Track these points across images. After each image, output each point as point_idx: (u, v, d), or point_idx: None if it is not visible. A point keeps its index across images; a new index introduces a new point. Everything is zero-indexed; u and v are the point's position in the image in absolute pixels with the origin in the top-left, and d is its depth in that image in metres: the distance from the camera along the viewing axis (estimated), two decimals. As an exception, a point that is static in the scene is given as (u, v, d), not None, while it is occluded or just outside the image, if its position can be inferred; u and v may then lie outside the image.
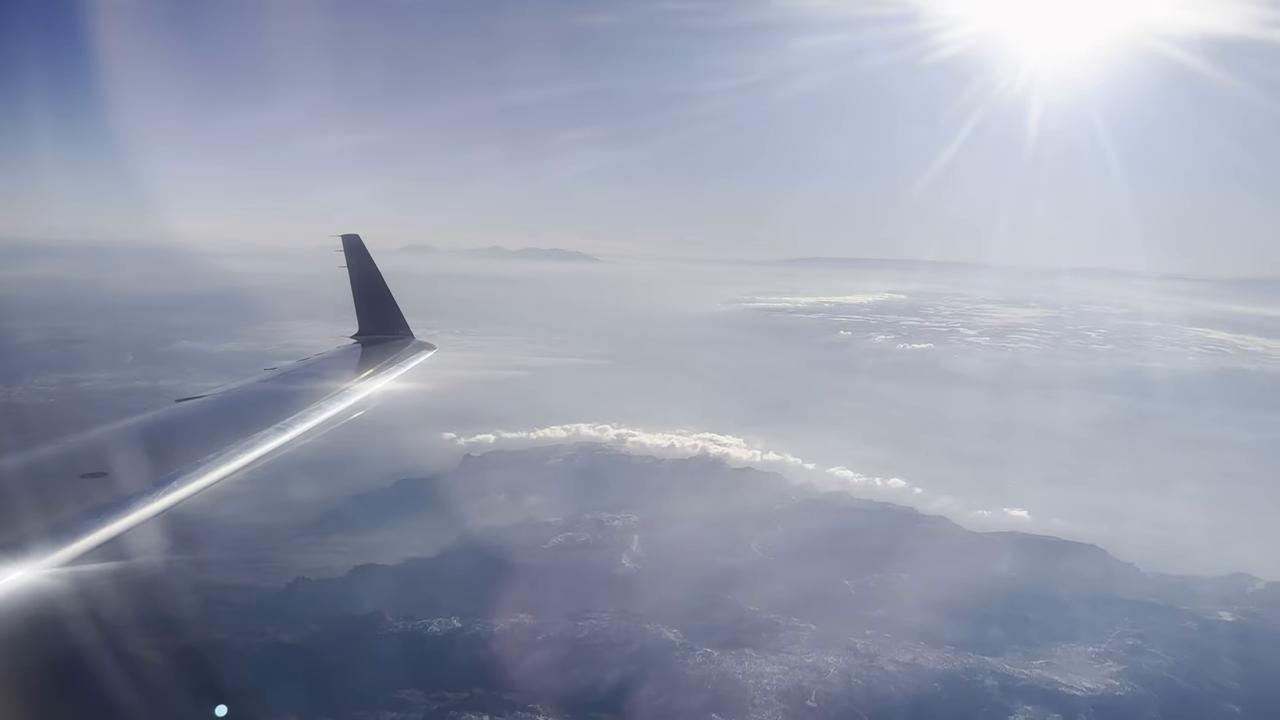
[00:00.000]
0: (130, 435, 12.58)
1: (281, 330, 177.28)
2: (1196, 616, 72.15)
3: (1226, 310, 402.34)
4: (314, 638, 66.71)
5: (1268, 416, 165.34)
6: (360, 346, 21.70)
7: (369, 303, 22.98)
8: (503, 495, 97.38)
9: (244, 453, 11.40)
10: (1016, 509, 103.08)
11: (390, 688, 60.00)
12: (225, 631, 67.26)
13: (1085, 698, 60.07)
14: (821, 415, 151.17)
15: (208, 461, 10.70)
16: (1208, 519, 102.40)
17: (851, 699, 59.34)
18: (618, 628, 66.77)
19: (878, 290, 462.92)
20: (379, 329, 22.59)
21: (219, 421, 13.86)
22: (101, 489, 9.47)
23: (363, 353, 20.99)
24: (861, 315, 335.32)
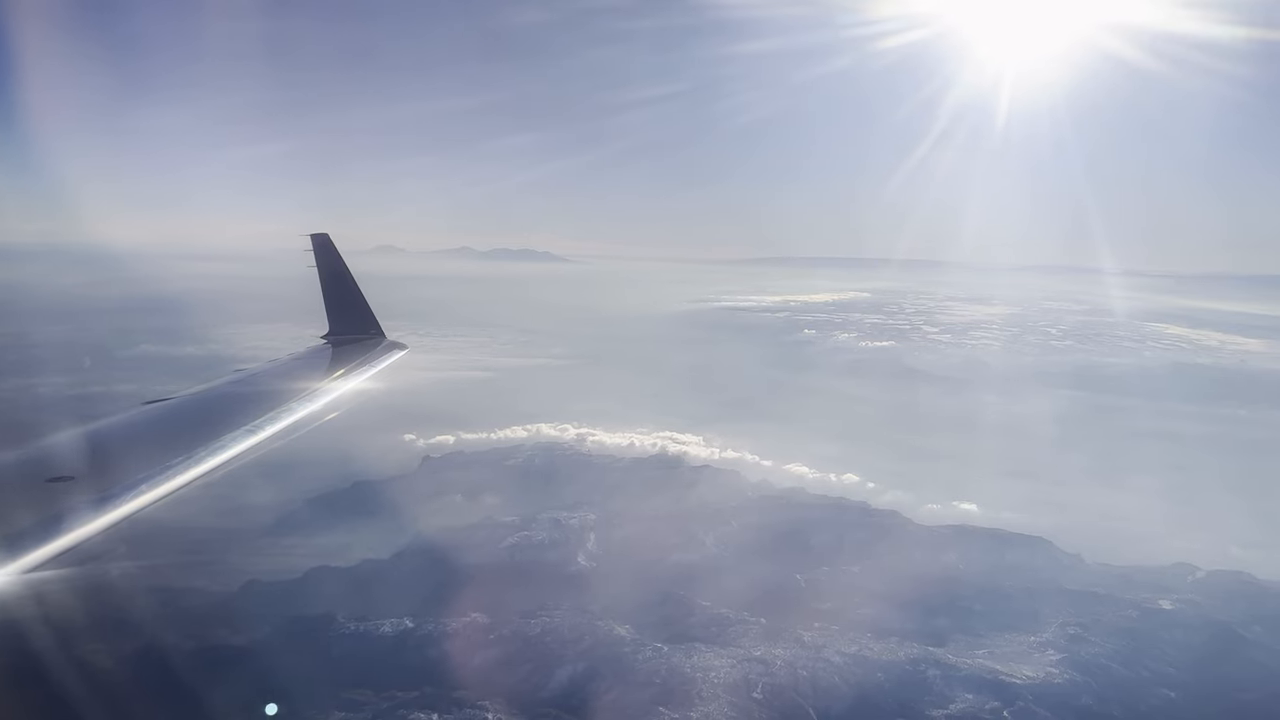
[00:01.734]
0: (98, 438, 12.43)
1: (244, 334, 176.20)
2: (1137, 605, 73.85)
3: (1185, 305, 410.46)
4: (265, 640, 66.69)
5: (1218, 410, 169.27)
6: (331, 347, 21.72)
7: (339, 302, 22.85)
8: (459, 496, 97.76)
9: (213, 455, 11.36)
10: (966, 502, 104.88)
11: (340, 688, 60.22)
12: (176, 635, 66.98)
13: (1024, 685, 61.45)
14: (781, 413, 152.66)
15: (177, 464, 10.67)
16: (1154, 510, 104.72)
17: (797, 690, 60.27)
18: (570, 625, 67.35)
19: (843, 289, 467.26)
20: (350, 329, 22.49)
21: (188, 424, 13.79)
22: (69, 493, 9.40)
23: (333, 353, 21.02)
24: (826, 313, 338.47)
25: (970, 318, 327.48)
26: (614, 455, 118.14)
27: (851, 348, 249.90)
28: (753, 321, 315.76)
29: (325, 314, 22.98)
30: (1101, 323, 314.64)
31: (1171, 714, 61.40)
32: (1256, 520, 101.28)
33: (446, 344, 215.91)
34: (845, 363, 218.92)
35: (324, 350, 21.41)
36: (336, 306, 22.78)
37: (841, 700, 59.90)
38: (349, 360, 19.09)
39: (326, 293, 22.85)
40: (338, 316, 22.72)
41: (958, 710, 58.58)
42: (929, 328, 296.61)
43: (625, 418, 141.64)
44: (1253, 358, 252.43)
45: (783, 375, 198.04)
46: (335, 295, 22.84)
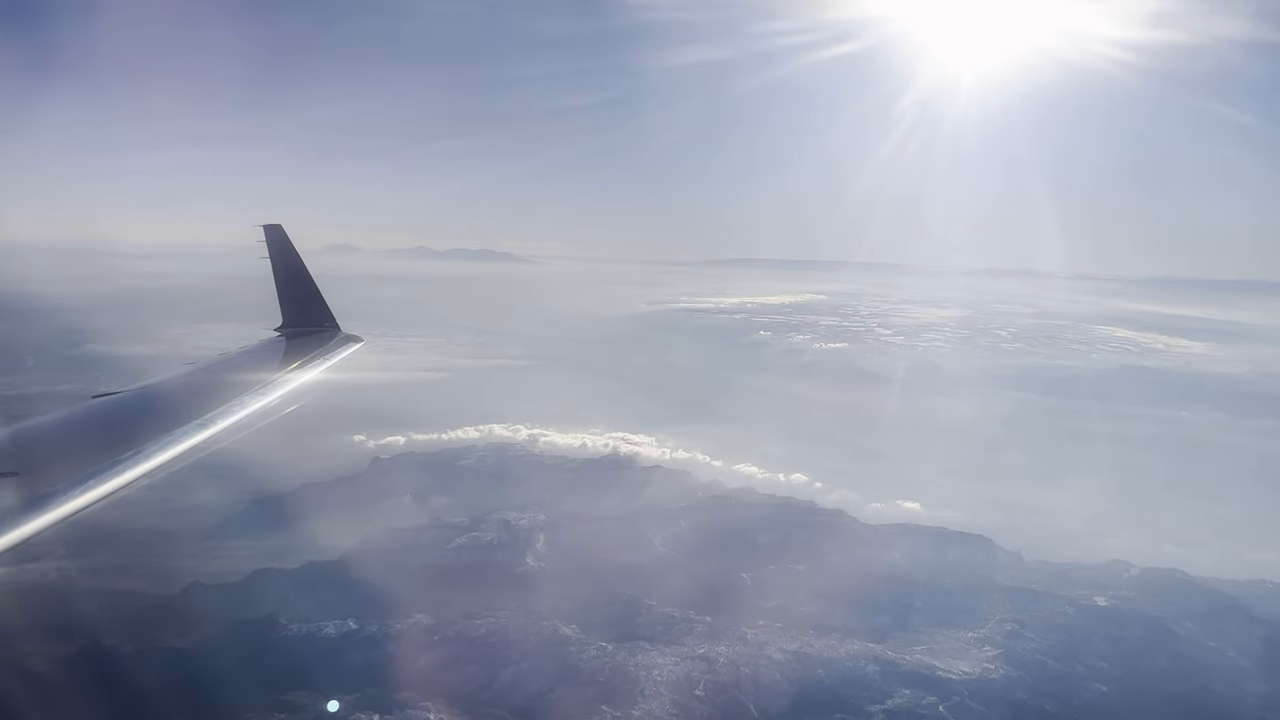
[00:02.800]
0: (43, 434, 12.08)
1: (194, 333, 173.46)
2: (1073, 602, 75.65)
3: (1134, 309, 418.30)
4: (206, 642, 66.04)
5: (1160, 411, 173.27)
6: (284, 340, 21.35)
7: (293, 295, 22.38)
8: (408, 497, 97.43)
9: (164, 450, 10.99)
10: (911, 502, 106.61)
11: (281, 690, 59.96)
12: (114, 638, 66.27)
13: (961, 681, 62.73)
14: (734, 414, 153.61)
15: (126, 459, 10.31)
16: (1093, 509, 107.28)
17: (739, 687, 61.03)
18: (516, 625, 67.58)
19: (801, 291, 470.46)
20: (304, 321, 22.08)
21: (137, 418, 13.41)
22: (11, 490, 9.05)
23: (287, 346, 20.62)
24: (783, 316, 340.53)
25: (923, 320, 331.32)
26: (566, 456, 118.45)
27: (806, 349, 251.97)
28: (710, 323, 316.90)
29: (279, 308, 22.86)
30: (1051, 325, 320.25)
31: (1103, 708, 63.04)
32: (1191, 519, 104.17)
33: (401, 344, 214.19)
34: (799, 364, 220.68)
35: (277, 343, 21.08)
36: (290, 299, 22.43)
37: (782, 697, 60.75)
38: (303, 353, 18.83)
39: (280, 285, 22.49)
40: (291, 309, 22.36)
41: (895, 705, 59.67)
42: (883, 330, 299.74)
43: (579, 419, 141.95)
44: (1197, 360, 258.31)
45: (737, 377, 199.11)
46: (289, 287, 22.48)
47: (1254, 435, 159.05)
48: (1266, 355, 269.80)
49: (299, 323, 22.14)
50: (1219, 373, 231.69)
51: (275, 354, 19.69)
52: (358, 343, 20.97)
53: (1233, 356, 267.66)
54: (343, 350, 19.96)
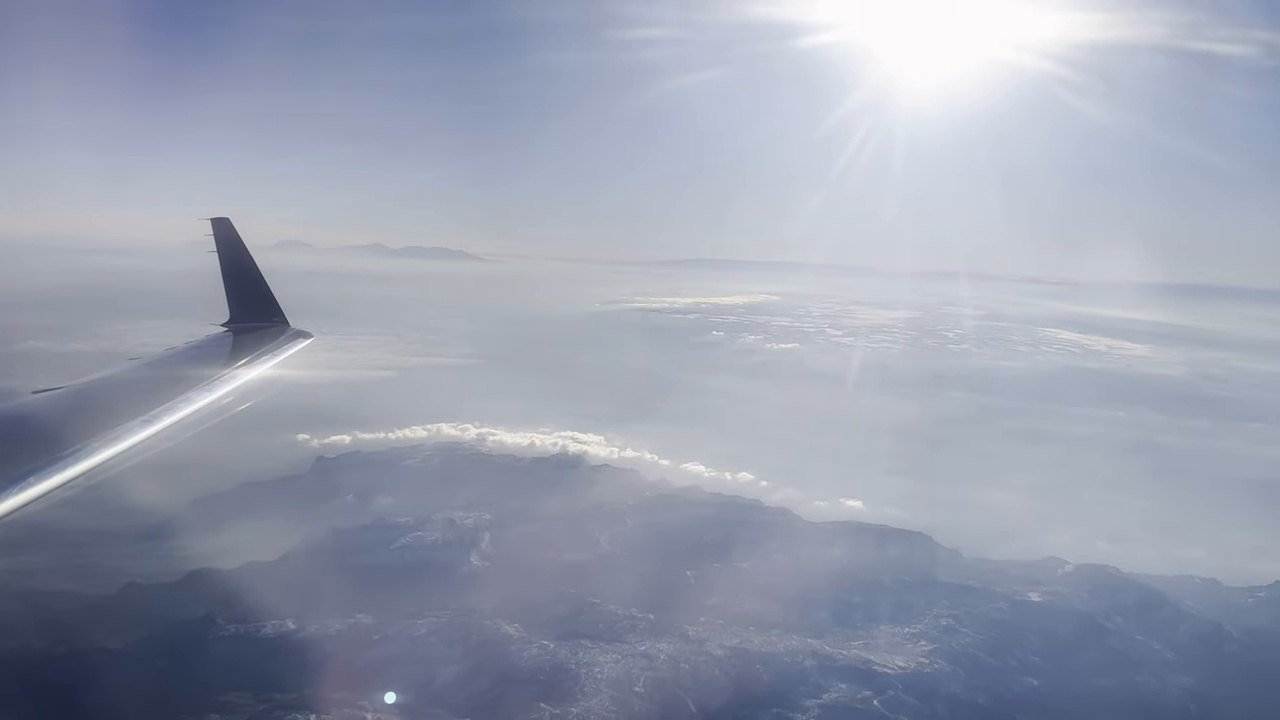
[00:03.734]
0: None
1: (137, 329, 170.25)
2: (1008, 597, 77.27)
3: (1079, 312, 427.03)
4: (141, 643, 65.28)
5: (1100, 412, 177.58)
6: (231, 335, 20.95)
7: (241, 289, 21.96)
8: (351, 496, 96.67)
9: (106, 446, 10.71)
10: (853, 500, 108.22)
11: (216, 691, 59.31)
12: (46, 639, 65.16)
13: (896, 675, 63.81)
14: (684, 413, 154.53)
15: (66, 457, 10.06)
16: (1032, 507, 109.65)
17: (678, 683, 61.49)
18: (457, 624, 67.43)
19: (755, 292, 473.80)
20: (252, 316, 21.67)
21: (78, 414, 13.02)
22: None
23: (234, 341, 20.28)
24: (736, 316, 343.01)
25: (873, 321, 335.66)
26: (514, 455, 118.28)
27: (757, 349, 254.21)
28: (664, 323, 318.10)
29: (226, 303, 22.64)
30: (997, 327, 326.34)
31: (1033, 700, 64.56)
32: (1126, 517, 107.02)
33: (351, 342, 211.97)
34: (750, 364, 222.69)
35: (224, 338, 20.74)
36: (238, 293, 22.00)
37: (721, 693, 61.35)
38: (251, 348, 18.52)
39: (227, 279, 22.05)
40: (239, 304, 21.95)
41: (830, 700, 60.54)
42: (833, 331, 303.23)
43: (529, 418, 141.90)
44: (1137, 362, 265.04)
45: (689, 376, 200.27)
46: (237, 281, 22.05)
47: (1189, 435, 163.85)
48: (1204, 357, 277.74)
49: (247, 318, 21.80)
50: (1158, 374, 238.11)
51: (222, 349, 19.40)
52: (307, 338, 20.77)
53: (1172, 359, 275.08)
54: (292, 346, 19.76)
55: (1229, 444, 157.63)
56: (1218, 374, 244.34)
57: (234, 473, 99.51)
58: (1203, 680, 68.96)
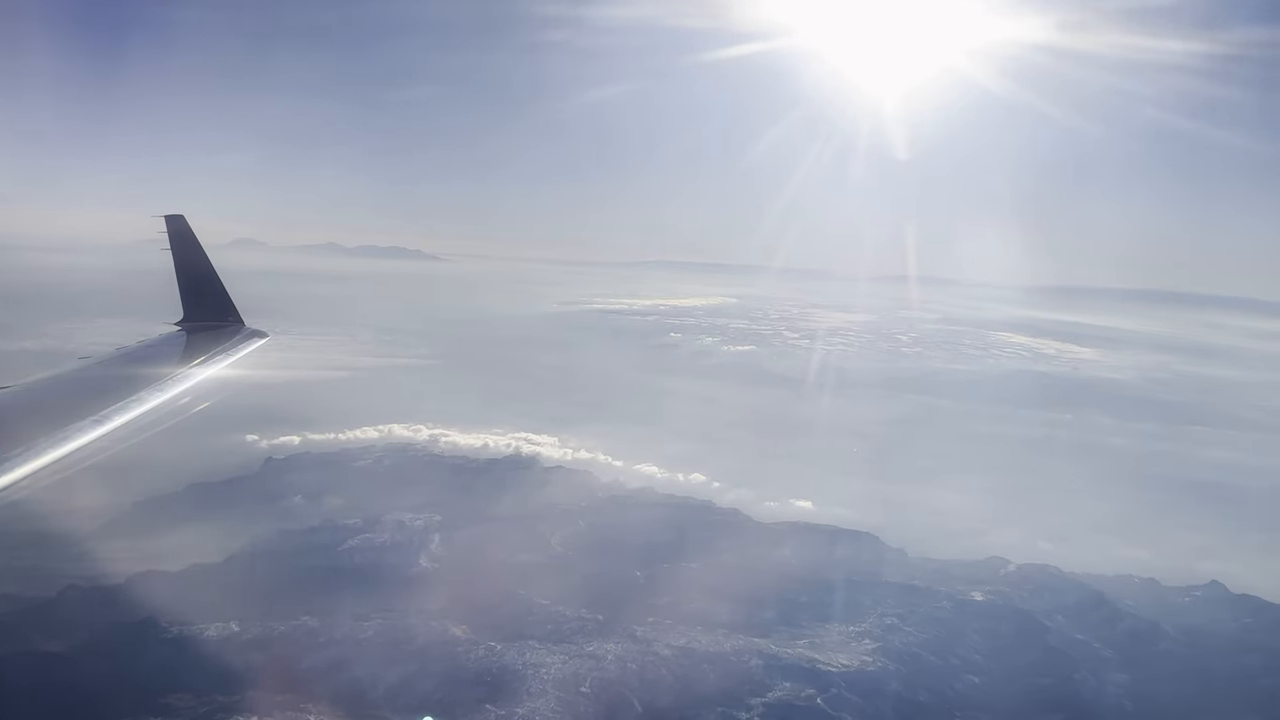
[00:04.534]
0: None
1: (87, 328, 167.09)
2: (951, 597, 78.49)
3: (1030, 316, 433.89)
4: (82, 646, 64.25)
5: (1045, 414, 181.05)
6: (185, 334, 20.87)
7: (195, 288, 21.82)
8: (300, 498, 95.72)
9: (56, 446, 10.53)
10: (803, 500, 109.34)
11: (157, 693, 58.67)
12: (-16, 642, 63.96)
13: (839, 673, 64.65)
14: (640, 414, 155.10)
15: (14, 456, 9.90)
16: (977, 508, 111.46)
17: (624, 683, 61.80)
18: (404, 626, 67.17)
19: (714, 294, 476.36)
20: (207, 315, 21.57)
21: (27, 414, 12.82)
22: None
23: (188, 340, 20.20)
24: (694, 318, 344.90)
25: (830, 325, 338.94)
26: (467, 457, 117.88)
27: (714, 351, 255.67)
28: (622, 325, 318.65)
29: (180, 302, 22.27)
30: (951, 331, 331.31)
31: (973, 698, 65.74)
32: (1069, 517, 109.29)
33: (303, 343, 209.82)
34: (707, 366, 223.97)
35: (178, 337, 20.53)
36: (192, 292, 21.83)
37: (667, 692, 61.76)
38: (205, 348, 18.29)
39: (181, 278, 21.88)
40: (193, 303, 21.77)
41: (774, 699, 61.21)
42: (790, 333, 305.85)
43: (483, 419, 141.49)
44: (1085, 365, 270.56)
45: (645, 378, 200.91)
46: (191, 280, 21.89)
47: (1134, 438, 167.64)
48: (1150, 361, 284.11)
49: (201, 317, 21.66)
50: (1105, 378, 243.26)
51: (175, 349, 19.21)
52: (262, 338, 20.61)
53: (1119, 362, 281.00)
54: (246, 346, 19.62)
55: (1171, 447, 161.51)
56: (1163, 378, 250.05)
57: (182, 474, 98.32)
58: (1138, 677, 70.75)
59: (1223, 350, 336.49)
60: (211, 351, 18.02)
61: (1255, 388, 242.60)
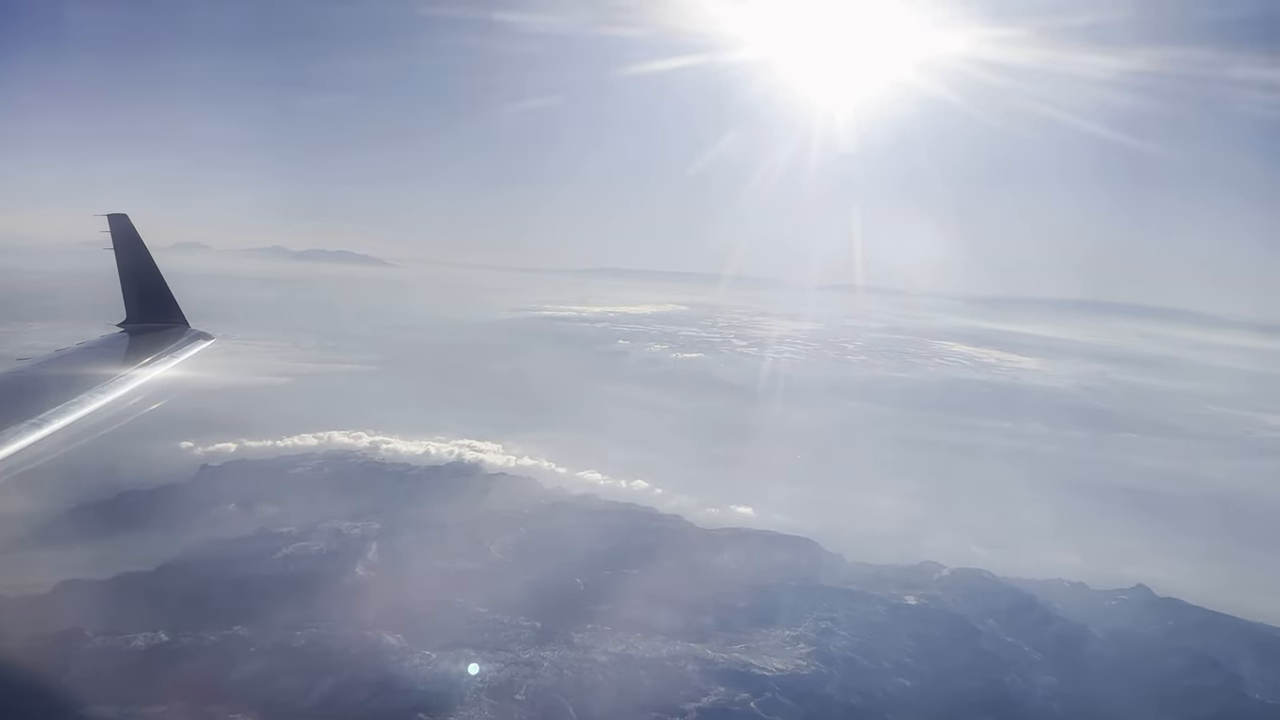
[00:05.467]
0: None
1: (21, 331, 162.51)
2: (885, 601, 79.72)
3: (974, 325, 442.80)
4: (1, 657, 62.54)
5: (986, 422, 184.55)
6: (128, 336, 20.43)
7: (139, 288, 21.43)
8: (233, 506, 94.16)
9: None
10: (744, 506, 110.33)
11: (80, 704, 57.44)
12: (-106, 656, 62.00)
13: (773, 677, 65.34)
14: (586, 421, 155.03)
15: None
16: (915, 513, 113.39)
17: (560, 690, 61.81)
18: (338, 636, 66.45)
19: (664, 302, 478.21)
20: (150, 317, 21.21)
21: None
22: None
23: (131, 342, 19.79)
24: (643, 325, 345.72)
25: (778, 333, 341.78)
26: (408, 463, 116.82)
27: (662, 359, 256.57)
28: (571, 331, 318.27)
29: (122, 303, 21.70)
30: (896, 340, 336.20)
31: (904, 701, 66.86)
32: (1003, 522, 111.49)
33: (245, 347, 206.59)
34: (654, 373, 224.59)
35: (120, 339, 20.08)
36: (135, 293, 21.38)
37: (603, 698, 61.91)
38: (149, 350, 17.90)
39: (124, 278, 21.43)
40: (137, 304, 21.33)
41: (709, 703, 61.68)
42: (739, 341, 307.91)
43: (426, 425, 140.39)
44: (1024, 374, 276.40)
45: (592, 384, 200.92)
46: (134, 280, 21.42)
47: (1068, 444, 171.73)
48: (1088, 370, 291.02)
49: (145, 318, 21.22)
50: (1044, 386, 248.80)
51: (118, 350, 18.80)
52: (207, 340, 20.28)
53: (1058, 371, 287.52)
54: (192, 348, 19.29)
55: (1104, 454, 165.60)
56: (1099, 386, 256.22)
57: (115, 481, 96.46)
58: (1066, 679, 72.44)
59: (1157, 360, 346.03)
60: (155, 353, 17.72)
61: (1187, 396, 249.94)
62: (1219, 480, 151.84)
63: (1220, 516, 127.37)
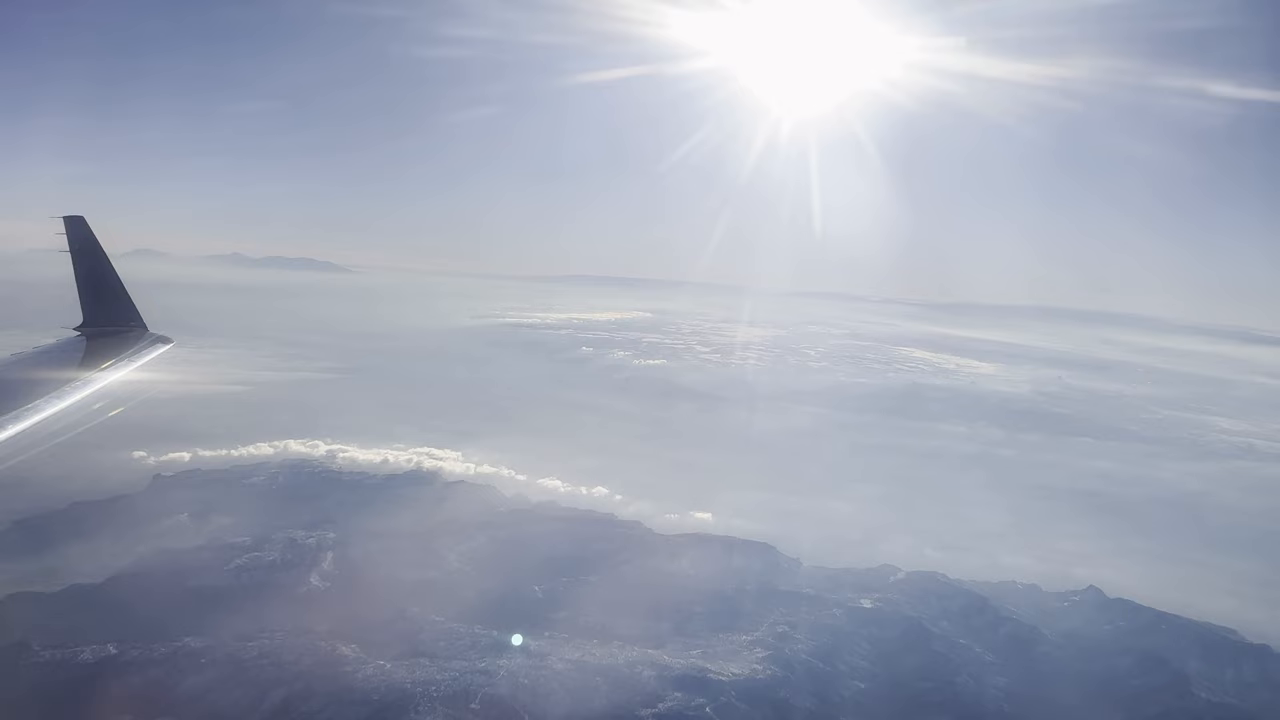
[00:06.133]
0: None
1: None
2: (841, 604, 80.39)
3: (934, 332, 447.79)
4: (-55, 673, 61.22)
5: (944, 426, 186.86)
6: (85, 340, 19.97)
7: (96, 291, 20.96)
8: (186, 515, 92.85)
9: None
10: (703, 512, 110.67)
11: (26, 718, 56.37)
12: None
13: (730, 682, 65.49)
14: (547, 428, 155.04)
15: None
16: (872, 517, 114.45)
17: (515, 699, 61.47)
18: (290, 646, 65.54)
19: (628, 308, 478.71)
20: (108, 320, 20.72)
21: None
22: None
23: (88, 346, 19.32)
24: (607, 332, 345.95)
25: (741, 339, 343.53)
26: (366, 472, 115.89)
27: (625, 365, 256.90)
28: (534, 338, 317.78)
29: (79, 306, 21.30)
30: (856, 346, 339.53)
31: (858, 703, 67.50)
32: (957, 525, 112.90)
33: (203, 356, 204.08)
34: (617, 380, 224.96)
35: (77, 343, 19.67)
36: (93, 296, 20.94)
37: (558, 706, 61.67)
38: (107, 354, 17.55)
39: (81, 281, 20.94)
40: (94, 307, 20.89)
41: (665, 709, 61.71)
42: (701, 348, 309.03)
43: (385, 433, 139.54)
44: (982, 380, 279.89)
45: (554, 391, 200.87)
46: (91, 283, 20.95)
47: (1023, 449, 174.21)
48: (1044, 376, 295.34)
49: (102, 321, 20.76)
50: (1001, 391, 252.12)
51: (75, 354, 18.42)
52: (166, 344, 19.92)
53: (1015, 376, 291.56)
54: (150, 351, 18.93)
55: (1058, 457, 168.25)
56: (1055, 391, 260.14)
57: (66, 491, 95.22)
58: (1016, 680, 73.46)
59: (1113, 365, 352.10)
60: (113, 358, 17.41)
61: (1140, 400, 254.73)
62: (1170, 483, 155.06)
63: (1170, 518, 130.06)
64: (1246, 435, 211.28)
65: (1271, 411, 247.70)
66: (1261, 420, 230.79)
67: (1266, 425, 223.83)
